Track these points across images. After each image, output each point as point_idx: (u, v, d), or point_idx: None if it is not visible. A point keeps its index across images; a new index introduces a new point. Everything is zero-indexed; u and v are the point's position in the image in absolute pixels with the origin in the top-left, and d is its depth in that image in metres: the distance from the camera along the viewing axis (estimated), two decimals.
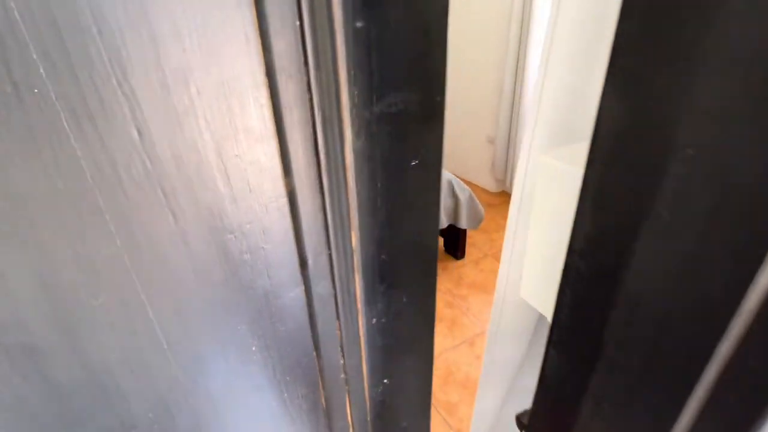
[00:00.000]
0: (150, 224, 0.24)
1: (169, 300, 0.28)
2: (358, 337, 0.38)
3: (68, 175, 0.21)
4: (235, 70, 0.23)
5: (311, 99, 0.26)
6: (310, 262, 0.32)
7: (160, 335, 0.28)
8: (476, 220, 1.93)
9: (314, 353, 0.38)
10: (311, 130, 0.27)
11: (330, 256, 0.32)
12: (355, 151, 0.28)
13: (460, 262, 2.06)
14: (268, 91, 0.24)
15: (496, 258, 2.03)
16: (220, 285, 0.29)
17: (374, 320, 0.38)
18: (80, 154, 0.21)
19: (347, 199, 0.30)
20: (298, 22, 0.23)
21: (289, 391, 0.39)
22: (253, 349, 0.34)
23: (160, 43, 0.21)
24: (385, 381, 0.43)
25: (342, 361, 0.40)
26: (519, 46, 2.20)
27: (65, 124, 0.20)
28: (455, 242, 2.06)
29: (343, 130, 0.27)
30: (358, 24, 0.24)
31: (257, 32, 0.23)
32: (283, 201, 0.28)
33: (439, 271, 1.93)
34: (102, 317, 0.25)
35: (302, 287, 0.33)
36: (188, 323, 0.29)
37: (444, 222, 1.87)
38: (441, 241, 2.14)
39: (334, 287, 0.34)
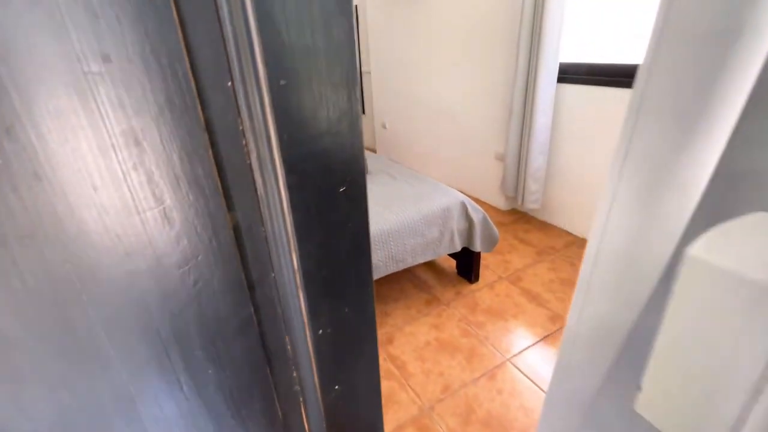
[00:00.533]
0: (108, 266, 0.29)
1: (128, 334, 0.31)
2: (308, 349, 0.42)
3: None
4: (177, 127, 0.28)
5: (246, 144, 0.31)
6: (257, 285, 0.36)
7: (119, 366, 0.32)
8: (491, 243, 1.90)
9: (268, 369, 0.42)
10: (248, 170, 0.32)
11: (275, 277, 0.37)
12: (289, 185, 0.33)
13: (474, 285, 2.04)
14: (209, 139, 0.29)
15: (512, 281, 2.06)
16: (177, 315, 0.32)
17: (320, 331, 0.42)
18: None
19: (286, 226, 0.35)
20: (229, 83, 0.29)
21: (248, 408, 0.43)
22: (210, 372, 0.38)
23: (106, 114, 0.26)
24: (337, 387, 0.48)
25: (295, 374, 0.44)
26: (528, 64, 2.24)
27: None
28: (469, 265, 2.02)
29: (277, 169, 0.32)
30: (282, 82, 0.30)
31: (195, 94, 0.27)
32: (229, 233, 0.33)
33: (453, 296, 1.95)
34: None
35: (251, 309, 0.37)
36: (145, 351, 0.33)
37: (458, 245, 1.84)
38: (453, 263, 2.14)
39: (281, 305, 0.39)
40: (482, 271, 2.10)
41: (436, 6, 2.94)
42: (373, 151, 4.53)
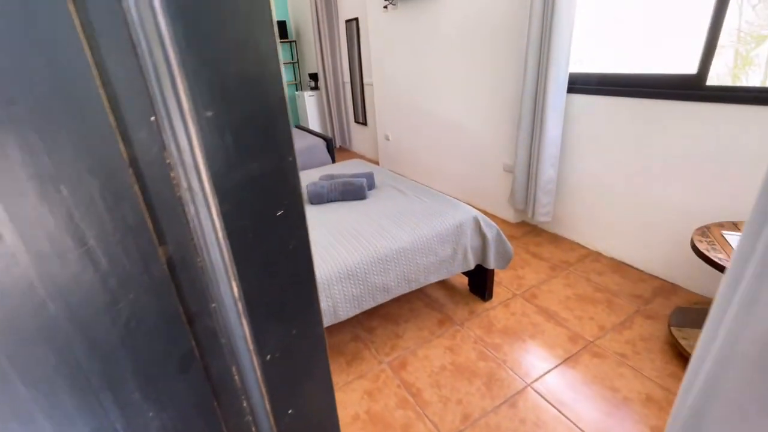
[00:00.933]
0: (23, 317, 0.27)
1: (52, 386, 0.30)
2: (256, 376, 0.41)
3: None
4: (98, 166, 0.27)
5: (175, 177, 0.30)
6: (196, 317, 0.35)
7: (42, 422, 0.30)
8: (505, 260, 1.84)
9: (215, 403, 0.40)
10: (179, 202, 0.31)
11: (215, 307, 0.36)
12: (224, 213, 0.33)
13: (488, 304, 1.96)
14: (134, 175, 0.28)
15: (527, 299, 1.98)
16: (109, 358, 0.31)
17: (268, 357, 0.42)
18: None
19: (223, 254, 0.34)
20: (153, 118, 0.28)
21: None
22: (150, 414, 0.36)
23: (16, 159, 0.24)
24: (290, 412, 0.47)
25: (245, 403, 0.42)
26: (537, 75, 2.19)
27: None
28: (481, 282, 1.94)
29: (209, 198, 0.32)
30: (208, 113, 0.30)
31: (116, 131, 0.27)
32: (162, 268, 0.32)
33: (467, 315, 1.87)
34: None
35: (192, 342, 0.36)
36: (73, 401, 0.31)
37: (471, 263, 1.78)
38: (465, 280, 2.07)
39: (225, 335, 0.38)
40: (495, 288, 2.03)
41: (441, 17, 2.91)
42: (376, 162, 4.49)
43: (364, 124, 4.78)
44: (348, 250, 1.53)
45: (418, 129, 3.59)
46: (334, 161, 3.51)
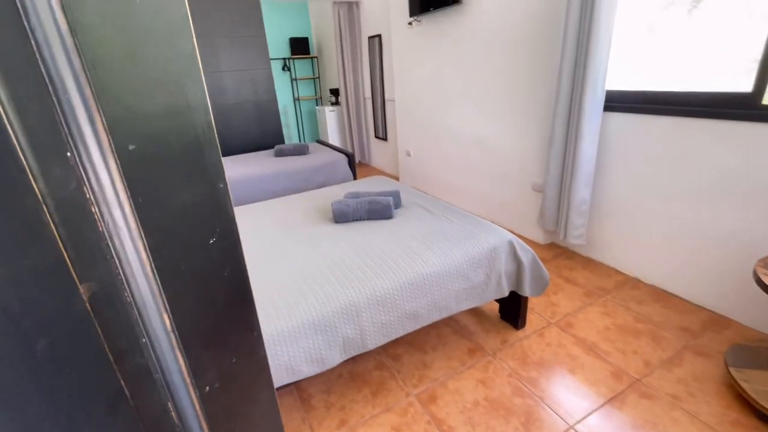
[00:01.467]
0: None
1: None
2: (195, 410, 0.39)
3: None
4: (7, 206, 0.25)
5: (97, 212, 0.29)
6: (126, 354, 0.33)
7: None
8: (541, 286, 1.72)
9: None
10: (102, 237, 0.30)
11: (146, 342, 0.34)
12: (151, 246, 0.32)
13: (521, 332, 1.83)
14: (47, 212, 0.27)
15: (562, 328, 1.84)
16: (29, 403, 0.28)
17: (207, 388, 0.40)
18: None
19: (152, 287, 0.33)
20: (69, 153, 0.27)
21: None
22: None
23: None
24: None
25: None
26: (572, 91, 2.11)
27: None
28: (514, 309, 1.82)
29: (133, 233, 0.31)
30: (131, 146, 0.30)
31: (26, 169, 0.25)
32: (84, 306, 0.30)
33: (499, 344, 1.75)
34: None
35: (121, 382, 0.33)
36: None
37: (505, 289, 1.66)
38: (496, 306, 1.96)
39: (159, 370, 0.36)
40: (528, 315, 1.91)
41: (468, 33, 2.88)
42: (396, 178, 4.43)
43: (384, 139, 4.75)
44: (377, 273, 1.45)
45: (441, 145, 3.53)
46: (355, 177, 3.46)
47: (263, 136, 4.29)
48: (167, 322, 0.35)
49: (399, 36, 3.73)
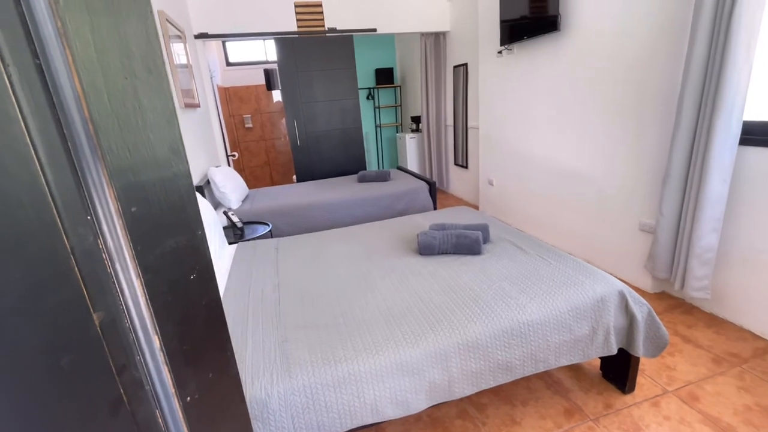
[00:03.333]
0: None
1: None
2: (178, 417, 0.46)
3: None
4: (42, 256, 0.34)
5: (107, 258, 0.38)
6: (125, 368, 0.40)
7: None
8: (657, 347, 1.49)
9: None
10: (110, 276, 0.38)
11: (140, 359, 0.42)
12: (146, 282, 0.41)
13: (629, 397, 1.58)
14: (74, 260, 0.35)
15: (683, 399, 1.55)
16: (55, 402, 0.35)
17: (188, 399, 0.47)
18: None
19: (144, 314, 0.41)
20: (89, 217, 0.37)
21: None
22: None
23: None
24: None
25: None
26: (696, 122, 1.85)
27: None
28: (621, 368, 1.58)
29: (131, 273, 0.40)
30: (133, 209, 0.40)
31: (60, 227, 0.34)
32: (96, 330, 0.37)
33: (602, 409, 1.54)
34: None
35: (121, 390, 0.40)
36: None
37: (614, 347, 1.45)
38: (597, 361, 1.74)
39: (149, 383, 0.43)
40: (638, 377, 1.64)
41: (564, 59, 2.72)
42: (475, 207, 4.29)
43: (465, 167, 4.66)
44: (467, 316, 1.36)
45: (528, 175, 3.34)
46: (436, 205, 3.41)
47: (347, 162, 4.48)
48: (157, 342, 0.43)
49: (487, 64, 3.68)
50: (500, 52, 3.41)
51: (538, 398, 1.62)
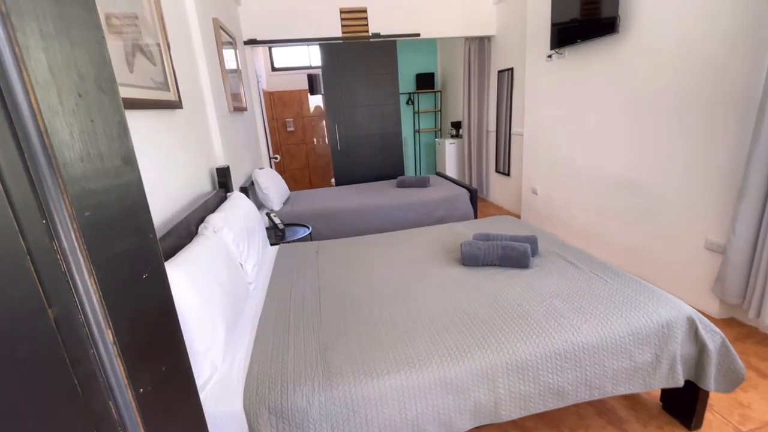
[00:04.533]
0: None
1: None
2: (132, 408, 0.48)
3: None
4: (6, 255, 0.37)
5: (61, 257, 0.41)
6: (79, 361, 0.43)
7: None
8: (731, 382, 1.33)
9: None
10: (64, 274, 0.41)
11: (94, 353, 0.44)
12: (99, 280, 0.44)
13: None
14: (30, 260, 0.38)
15: None
16: (12, 393, 0.37)
17: (141, 390, 0.49)
18: None
19: (97, 310, 0.44)
20: (44, 221, 0.39)
21: None
22: None
23: None
24: None
25: None
26: None
27: None
28: (686, 402, 1.42)
29: (84, 272, 0.42)
30: (87, 213, 0.43)
31: (18, 230, 0.37)
32: (51, 324, 0.40)
33: None
34: None
35: (76, 381, 0.42)
36: None
37: (680, 378, 1.31)
38: (657, 391, 1.59)
39: (103, 375, 0.45)
40: (705, 413, 1.48)
41: (621, 64, 2.56)
42: (517, 216, 4.14)
43: (507, 174, 4.51)
44: (516, 334, 1.28)
45: (576, 185, 3.17)
46: (476, 213, 3.32)
47: (386, 167, 4.47)
48: (110, 336, 0.45)
49: (535, 69, 3.55)
50: (550, 56, 3.28)
51: (589, 426, 1.50)
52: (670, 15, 2.20)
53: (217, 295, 1.27)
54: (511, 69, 4.15)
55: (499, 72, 4.41)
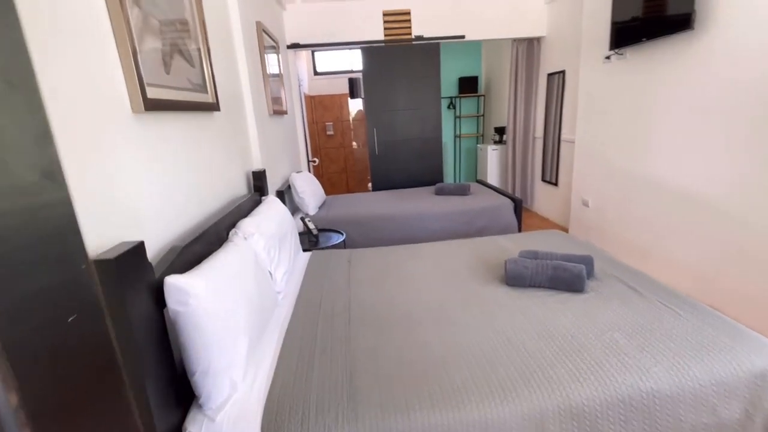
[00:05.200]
0: None
1: None
2: None
3: None
4: None
5: None
6: None
7: None
8: None
9: None
10: None
11: None
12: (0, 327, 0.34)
13: None
14: None
15: None
16: None
17: None
18: None
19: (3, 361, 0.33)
20: None
21: None
22: None
23: None
24: None
25: None
26: None
27: None
28: None
29: None
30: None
31: None
32: None
33: None
34: None
35: None
36: None
37: None
38: None
39: None
40: None
41: (697, 63, 2.28)
42: (564, 229, 3.85)
43: (554, 184, 4.23)
44: (570, 373, 1.11)
45: (635, 198, 2.88)
46: (520, 227, 3.10)
47: (424, 173, 4.33)
48: (15, 400, 0.35)
49: (590, 71, 3.28)
50: (608, 58, 3.01)
51: None
52: (759, 9, 1.91)
53: (243, 307, 1.21)
54: (563, 72, 3.89)
55: (549, 75, 4.15)
